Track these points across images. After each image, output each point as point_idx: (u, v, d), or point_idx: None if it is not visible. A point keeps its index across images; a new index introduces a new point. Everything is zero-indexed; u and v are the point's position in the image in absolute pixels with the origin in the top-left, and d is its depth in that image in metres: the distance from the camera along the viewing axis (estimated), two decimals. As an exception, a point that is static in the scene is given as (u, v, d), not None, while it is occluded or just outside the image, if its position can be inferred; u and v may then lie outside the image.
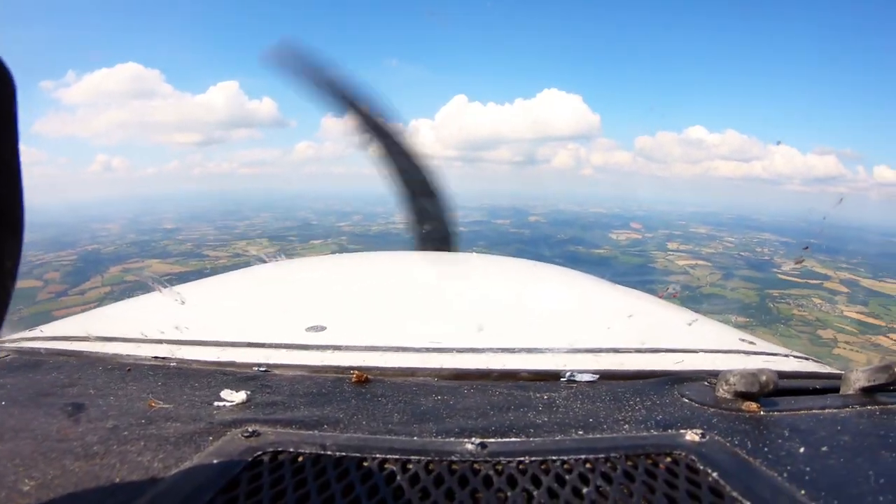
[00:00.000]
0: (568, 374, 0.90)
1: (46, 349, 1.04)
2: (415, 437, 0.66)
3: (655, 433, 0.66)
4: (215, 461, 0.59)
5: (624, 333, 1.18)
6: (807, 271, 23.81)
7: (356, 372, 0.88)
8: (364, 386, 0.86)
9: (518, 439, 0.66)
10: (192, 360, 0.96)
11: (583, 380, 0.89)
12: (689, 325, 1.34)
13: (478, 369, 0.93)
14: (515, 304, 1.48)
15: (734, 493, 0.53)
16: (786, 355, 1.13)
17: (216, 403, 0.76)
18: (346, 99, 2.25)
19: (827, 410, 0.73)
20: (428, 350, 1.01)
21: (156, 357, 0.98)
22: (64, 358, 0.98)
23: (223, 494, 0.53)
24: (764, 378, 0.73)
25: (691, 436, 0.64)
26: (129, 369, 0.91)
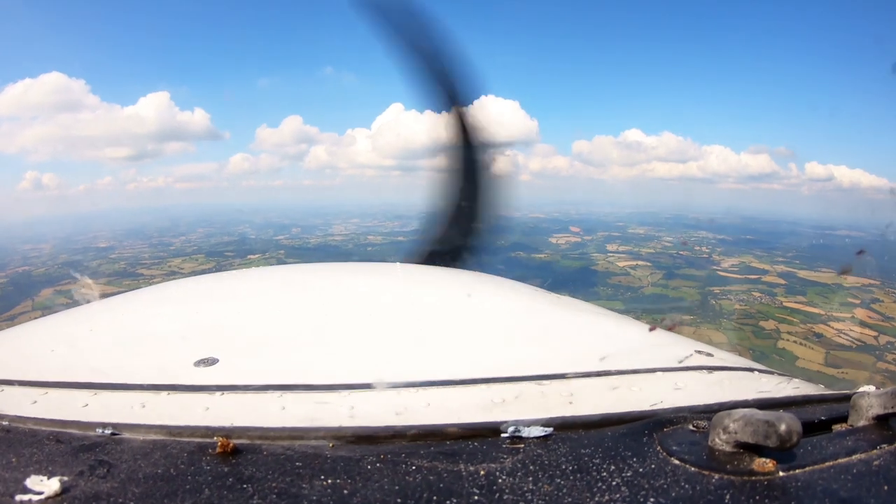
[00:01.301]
0: (511, 429, 0.70)
1: None
2: None
3: None
4: None
5: (571, 353, 1.08)
6: (745, 267, 24.59)
7: (220, 439, 0.70)
8: (229, 459, 0.67)
9: None
10: (28, 418, 0.82)
11: (532, 435, 0.69)
12: (646, 343, 1.23)
13: (389, 428, 0.73)
14: (442, 323, 1.33)
15: None
16: (749, 369, 1.04)
17: (18, 498, 0.60)
18: (451, 89, 2.12)
19: (856, 457, 0.60)
20: (328, 388, 0.87)
21: None
22: None
23: None
24: (784, 428, 0.55)
25: None
26: None
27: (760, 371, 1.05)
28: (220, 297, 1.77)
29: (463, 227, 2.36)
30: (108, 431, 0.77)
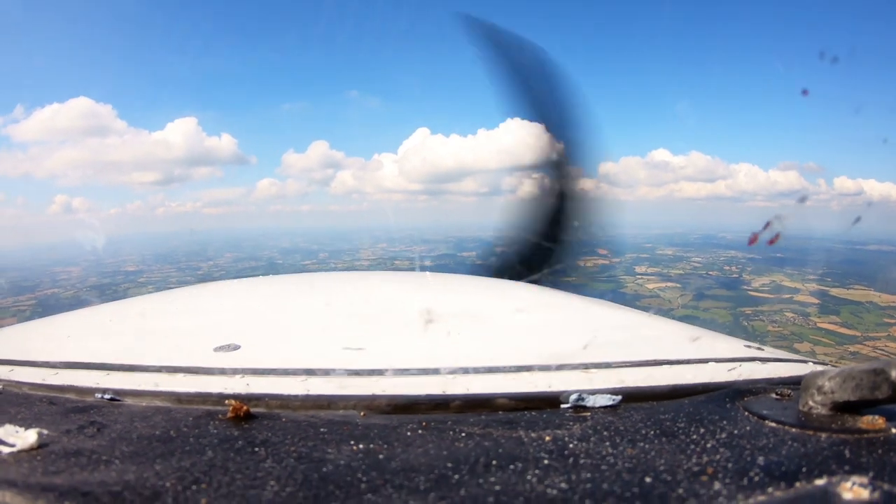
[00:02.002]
0: (573, 396, 0.66)
1: None
2: None
3: (780, 494, 0.43)
4: None
5: (622, 346, 0.97)
6: (776, 286, 24.21)
7: (233, 403, 0.66)
8: (242, 424, 0.63)
9: None
10: (24, 383, 0.81)
11: (598, 404, 0.66)
12: (694, 337, 1.13)
13: (429, 395, 0.69)
14: (486, 320, 1.26)
15: None
16: (802, 361, 0.99)
17: None
18: (545, 109, 2.07)
19: None
20: (356, 373, 0.79)
21: None
22: None
23: None
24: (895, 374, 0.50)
25: (854, 491, 0.42)
26: None
27: (815, 363, 1.00)
28: (245, 294, 1.74)
29: (545, 249, 2.29)
30: (107, 397, 0.73)
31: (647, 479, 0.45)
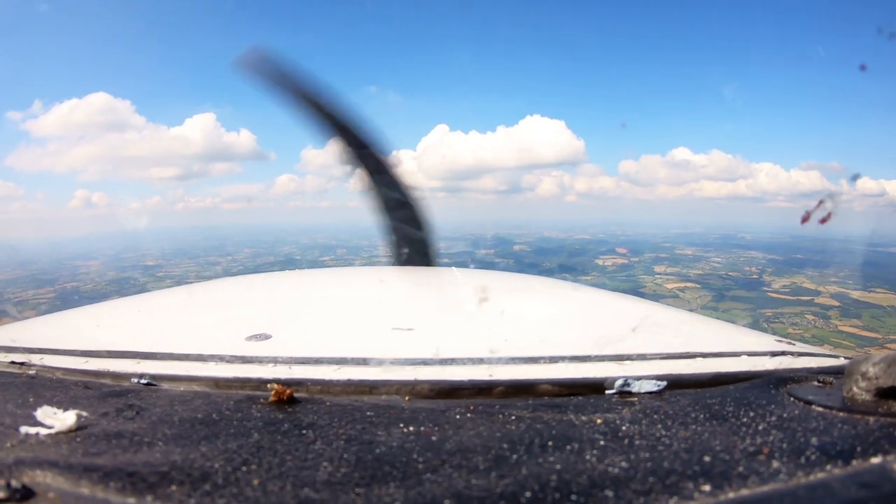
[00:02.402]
0: (619, 381, 0.66)
1: None
2: None
3: (838, 472, 0.44)
4: None
5: (658, 338, 0.97)
6: (797, 288, 24.00)
7: (275, 387, 0.64)
8: (286, 408, 0.61)
9: None
10: (57, 368, 0.80)
11: (643, 389, 0.66)
12: (726, 330, 1.17)
13: (472, 381, 0.68)
14: (519, 314, 1.22)
15: None
16: (834, 356, 0.97)
17: (23, 430, 0.56)
18: (327, 115, 2.13)
19: None
20: (400, 363, 0.78)
21: (12, 363, 0.84)
22: None
23: None
24: None
25: None
26: None
27: (846, 358, 0.98)
28: (275, 286, 1.75)
29: (408, 237, 2.31)
30: (143, 381, 0.72)
31: (707, 458, 0.47)
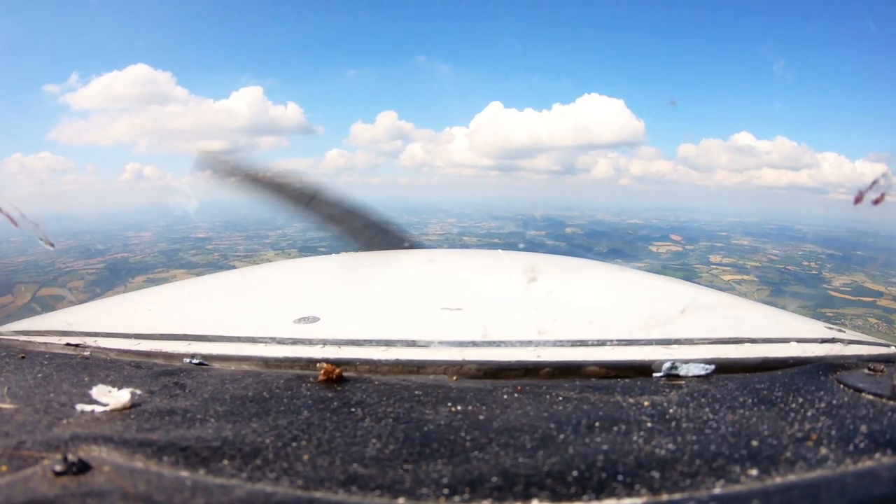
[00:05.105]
0: (666, 364, 0.67)
1: None
2: (406, 499, 0.40)
3: (886, 461, 0.44)
4: None
5: (706, 322, 0.95)
6: (858, 287, 23.23)
7: (325, 366, 0.65)
8: (335, 387, 0.62)
9: (641, 500, 0.40)
10: (111, 349, 0.82)
11: (691, 373, 0.67)
12: (776, 316, 1.15)
13: (519, 361, 0.69)
14: (567, 297, 1.21)
15: None
16: (885, 344, 0.95)
17: (79, 407, 0.58)
18: (294, 193, 2.20)
19: None
20: (447, 343, 0.78)
21: (68, 344, 0.85)
22: None
23: None
24: None
25: None
26: (22, 356, 0.78)
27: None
28: (323, 270, 1.75)
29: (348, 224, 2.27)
30: (195, 361, 0.74)
31: (754, 443, 0.47)
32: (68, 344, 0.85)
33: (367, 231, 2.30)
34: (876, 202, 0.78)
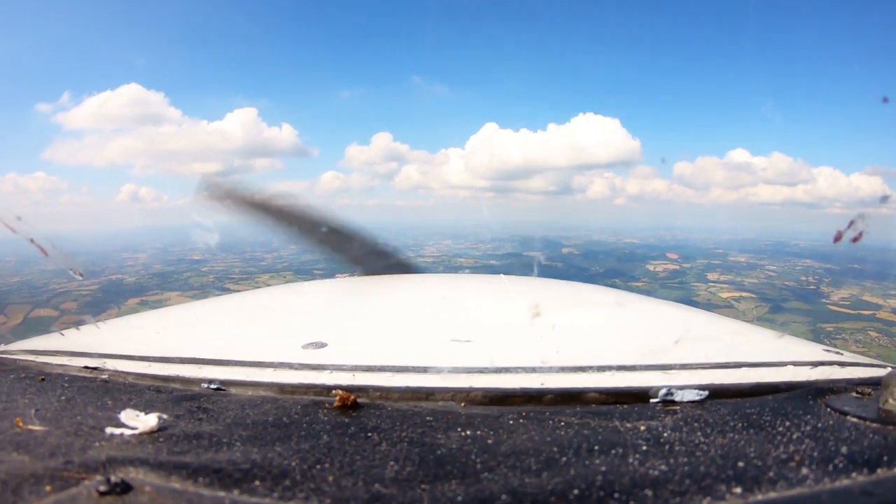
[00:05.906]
0: (662, 391, 0.69)
1: None
2: None
3: (862, 479, 0.46)
4: None
5: (703, 348, 0.97)
6: (857, 301, 23.19)
7: (340, 393, 0.68)
8: (350, 413, 0.65)
9: None
10: (128, 373, 0.84)
11: (686, 399, 0.69)
12: (774, 339, 1.18)
13: (524, 389, 0.72)
14: (572, 322, 1.25)
15: None
16: (882, 366, 0.97)
17: (108, 430, 0.59)
18: (294, 218, 2.23)
19: None
20: (454, 371, 0.81)
21: (85, 367, 0.87)
22: None
23: None
24: None
25: None
26: (42, 378, 0.80)
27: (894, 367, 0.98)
28: (328, 295, 1.79)
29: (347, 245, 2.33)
30: (213, 386, 0.75)
31: (740, 464, 0.50)
32: (86, 367, 0.87)
33: (362, 253, 2.31)
34: (855, 240, 0.83)
